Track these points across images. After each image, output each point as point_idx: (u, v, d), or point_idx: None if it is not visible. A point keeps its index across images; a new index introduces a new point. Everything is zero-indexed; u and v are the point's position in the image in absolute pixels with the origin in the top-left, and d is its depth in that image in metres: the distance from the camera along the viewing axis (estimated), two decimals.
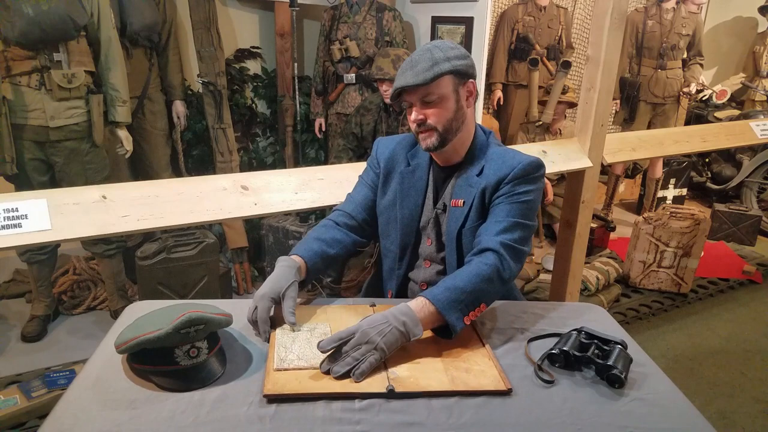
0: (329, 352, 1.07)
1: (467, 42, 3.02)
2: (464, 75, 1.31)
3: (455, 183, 1.40)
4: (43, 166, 2.34)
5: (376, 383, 1.03)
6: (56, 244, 2.49)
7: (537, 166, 1.34)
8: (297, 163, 3.54)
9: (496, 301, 1.32)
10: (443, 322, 1.15)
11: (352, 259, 2.92)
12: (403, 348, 1.13)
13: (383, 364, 1.09)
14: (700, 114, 4.80)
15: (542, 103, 3.45)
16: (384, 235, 1.50)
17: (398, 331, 1.09)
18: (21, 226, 1.45)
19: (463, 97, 1.33)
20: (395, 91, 1.30)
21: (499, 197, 1.33)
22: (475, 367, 1.09)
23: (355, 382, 1.03)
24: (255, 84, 3.64)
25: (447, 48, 1.29)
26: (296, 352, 1.11)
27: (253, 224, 3.24)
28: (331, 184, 1.86)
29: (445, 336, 1.18)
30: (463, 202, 1.37)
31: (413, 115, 1.32)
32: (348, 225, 1.47)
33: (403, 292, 1.51)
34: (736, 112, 4.69)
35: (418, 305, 1.14)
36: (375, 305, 1.34)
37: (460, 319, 1.15)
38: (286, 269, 1.26)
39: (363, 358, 1.05)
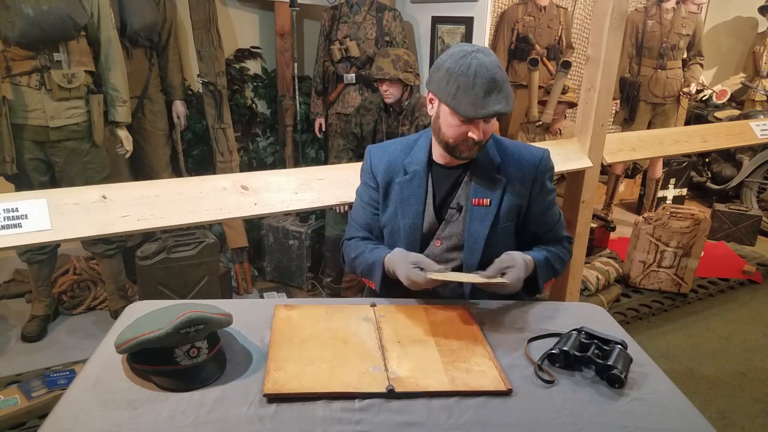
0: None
1: (467, 42, 3.02)
2: None
3: (472, 182, 1.41)
4: (43, 166, 2.34)
5: (376, 383, 1.03)
6: (56, 244, 2.48)
7: (549, 157, 1.47)
8: (297, 163, 3.54)
9: (498, 301, 1.40)
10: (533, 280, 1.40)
11: None
12: (402, 346, 1.15)
13: (384, 363, 1.09)
14: (700, 114, 4.80)
15: (542, 103, 3.45)
16: (390, 246, 1.49)
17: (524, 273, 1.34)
18: (21, 226, 1.45)
19: None
20: (488, 113, 1.25)
21: (540, 198, 1.46)
22: (475, 368, 1.09)
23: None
24: (255, 84, 3.64)
25: (500, 64, 1.29)
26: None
27: (253, 224, 3.24)
28: (331, 184, 1.86)
29: (529, 294, 1.43)
30: (490, 202, 1.40)
31: (478, 134, 1.29)
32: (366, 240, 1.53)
33: (410, 295, 1.50)
34: (736, 112, 4.69)
35: (532, 264, 1.38)
36: (375, 305, 1.34)
37: (542, 285, 1.42)
38: (399, 251, 1.39)
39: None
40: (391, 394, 1.01)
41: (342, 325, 1.23)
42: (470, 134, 1.29)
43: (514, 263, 1.31)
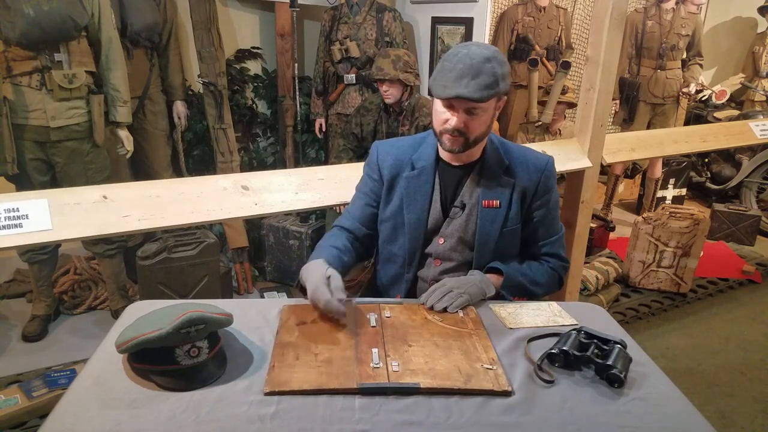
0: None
1: None
2: (505, 94, 1.34)
3: (480, 182, 1.41)
4: (44, 166, 2.34)
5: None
6: (57, 244, 2.49)
7: (553, 163, 1.49)
8: (297, 164, 3.54)
9: (498, 301, 1.41)
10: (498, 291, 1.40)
11: None
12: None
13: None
14: (699, 114, 4.80)
15: (542, 104, 3.45)
16: (389, 241, 1.49)
17: (478, 288, 1.36)
18: (22, 226, 1.45)
19: (497, 111, 1.36)
20: (450, 94, 1.25)
21: (540, 205, 1.46)
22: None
23: (451, 312, 1.30)
24: (255, 84, 3.65)
25: (502, 62, 1.28)
26: None
27: (253, 224, 3.24)
28: (331, 184, 1.87)
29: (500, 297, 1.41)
30: (499, 203, 1.41)
31: (454, 121, 1.29)
32: (350, 239, 1.49)
33: (412, 293, 1.50)
34: (736, 112, 4.69)
35: (494, 276, 1.41)
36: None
37: (508, 296, 1.41)
38: (317, 262, 1.30)
39: (457, 297, 1.32)
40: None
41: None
42: (448, 120, 1.30)
43: (453, 283, 1.35)
